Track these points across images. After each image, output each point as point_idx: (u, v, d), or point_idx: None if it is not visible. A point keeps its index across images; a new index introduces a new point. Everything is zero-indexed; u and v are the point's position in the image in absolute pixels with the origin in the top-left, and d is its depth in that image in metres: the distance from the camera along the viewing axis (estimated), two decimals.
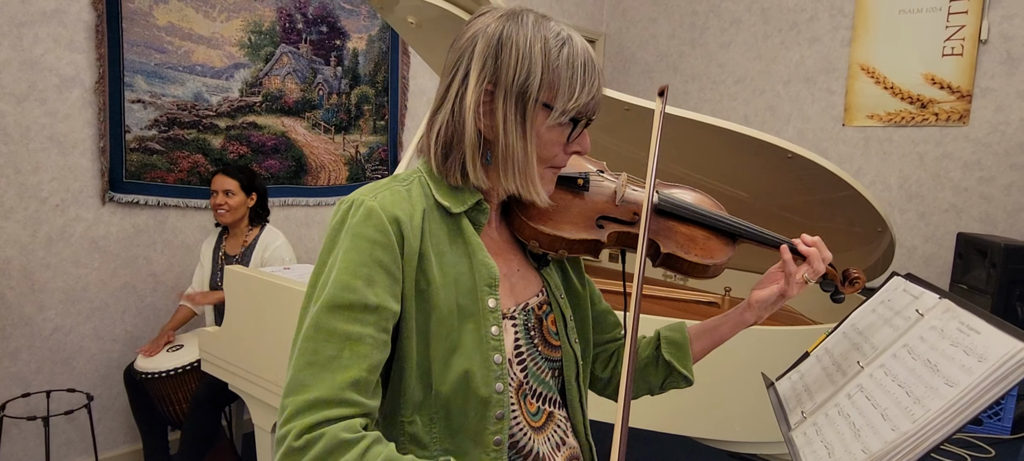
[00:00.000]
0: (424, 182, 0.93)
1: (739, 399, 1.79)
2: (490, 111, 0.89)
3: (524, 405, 0.95)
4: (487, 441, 0.89)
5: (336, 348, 0.80)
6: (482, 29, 0.90)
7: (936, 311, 1.05)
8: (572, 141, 0.93)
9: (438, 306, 0.87)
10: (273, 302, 2.09)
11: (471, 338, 0.88)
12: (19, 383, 2.71)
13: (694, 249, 1.07)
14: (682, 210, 1.09)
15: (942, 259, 3.52)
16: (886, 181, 3.70)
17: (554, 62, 0.87)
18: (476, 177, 0.91)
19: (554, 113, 0.88)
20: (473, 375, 0.87)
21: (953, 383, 0.87)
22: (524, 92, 0.87)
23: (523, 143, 0.89)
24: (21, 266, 2.66)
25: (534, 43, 0.87)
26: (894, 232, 2.08)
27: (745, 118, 4.23)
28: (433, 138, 0.92)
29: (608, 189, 1.08)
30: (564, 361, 1.02)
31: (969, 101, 3.40)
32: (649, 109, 1.96)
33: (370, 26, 3.60)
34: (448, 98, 0.91)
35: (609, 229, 1.03)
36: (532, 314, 0.99)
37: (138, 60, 2.82)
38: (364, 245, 0.83)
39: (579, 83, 0.88)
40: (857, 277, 1.14)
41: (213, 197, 2.77)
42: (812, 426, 1.06)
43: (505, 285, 0.96)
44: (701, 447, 1.89)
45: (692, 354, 1.14)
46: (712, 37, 4.37)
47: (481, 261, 0.92)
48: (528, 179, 0.91)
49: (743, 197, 2.23)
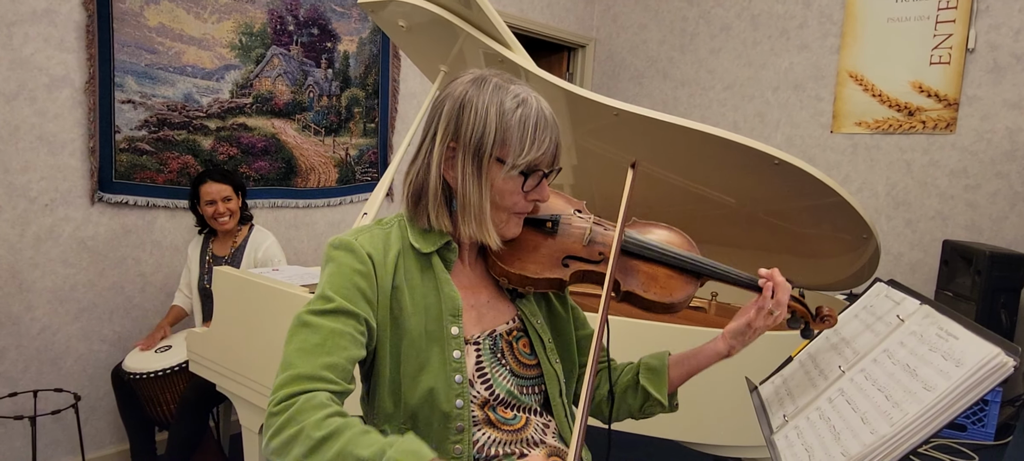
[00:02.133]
0: (403, 226, 1.09)
1: (724, 403, 1.81)
2: (452, 164, 1.02)
3: (494, 415, 1.05)
4: (448, 449, 1.01)
5: (320, 339, 0.94)
6: (451, 92, 1.03)
7: (916, 317, 1.06)
8: (528, 191, 1.04)
9: (409, 331, 1.01)
10: (262, 303, 2.09)
11: (437, 359, 1.01)
12: (6, 382, 2.69)
13: (654, 288, 1.13)
14: (646, 250, 1.16)
15: (928, 266, 3.55)
16: (873, 188, 3.73)
17: (507, 122, 0.99)
18: (438, 222, 1.05)
19: (506, 167, 1.00)
20: (437, 392, 1.00)
21: (931, 387, 0.89)
22: (479, 148, 1.00)
23: (478, 192, 1.01)
24: (9, 265, 2.65)
25: (491, 106, 0.99)
26: (879, 239, 2.10)
27: (734, 124, 4.26)
28: (407, 186, 1.07)
29: (578, 231, 1.17)
30: (546, 380, 1.12)
31: (956, 109, 3.44)
32: (637, 114, 1.97)
33: (361, 29, 3.61)
34: (421, 152, 1.06)
35: (574, 267, 1.12)
36: (500, 339, 1.09)
37: (129, 60, 2.81)
38: (346, 271, 1.00)
39: (529, 141, 1.00)
40: (828, 315, 1.17)
41: (210, 207, 2.74)
42: (793, 429, 1.08)
43: (472, 314, 1.09)
44: (687, 451, 1.91)
45: (670, 380, 1.20)
46: (702, 43, 4.40)
47: (447, 293, 1.04)
48: (482, 225, 1.03)
49: (730, 203, 2.24)
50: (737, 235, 2.36)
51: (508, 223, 1.06)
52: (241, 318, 2.17)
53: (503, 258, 1.09)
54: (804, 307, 1.17)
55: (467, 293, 1.09)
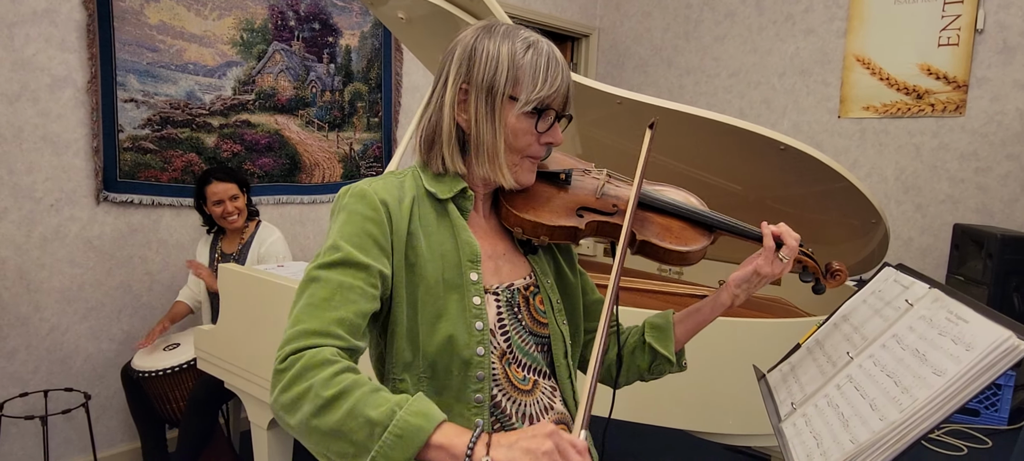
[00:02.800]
0: (416, 174, 1.08)
1: (733, 392, 1.79)
2: (465, 107, 1.03)
3: (509, 372, 1.05)
4: (469, 398, 0.99)
5: (329, 292, 0.92)
6: (461, 40, 1.05)
7: (925, 301, 1.04)
8: (542, 132, 1.04)
9: (425, 277, 0.99)
10: (268, 299, 2.08)
11: (455, 307, 1.00)
12: (17, 383, 2.71)
13: (669, 237, 1.14)
14: (660, 203, 1.18)
15: (939, 250, 3.51)
16: (882, 173, 3.69)
17: (519, 61, 1.00)
18: (453, 164, 1.05)
19: (519, 104, 1.00)
20: (456, 339, 0.98)
21: (941, 372, 0.87)
22: (492, 87, 1.00)
23: (492, 131, 1.01)
24: (16, 266, 2.66)
25: (502, 47, 1.01)
26: (889, 224, 2.07)
27: (740, 111, 4.23)
28: (420, 132, 1.08)
29: (591, 184, 1.18)
30: (552, 340, 1.12)
31: (965, 91, 3.39)
32: (641, 102, 1.96)
33: (362, 23, 3.60)
34: (432, 100, 1.06)
35: (589, 218, 1.12)
36: (517, 293, 1.09)
37: (130, 59, 2.81)
38: (357, 219, 0.97)
39: (541, 77, 1.00)
40: (838, 270, 1.19)
41: (218, 207, 2.74)
42: (801, 417, 1.06)
43: (490, 265, 1.08)
44: (695, 440, 1.89)
45: (676, 337, 1.20)
46: (706, 30, 4.36)
47: (464, 240, 1.03)
48: (496, 164, 1.03)
49: (737, 190, 2.22)
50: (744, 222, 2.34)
51: (521, 166, 1.06)
52: (247, 314, 2.17)
53: (517, 206, 1.08)
54: (814, 262, 1.18)
55: (484, 243, 1.08)
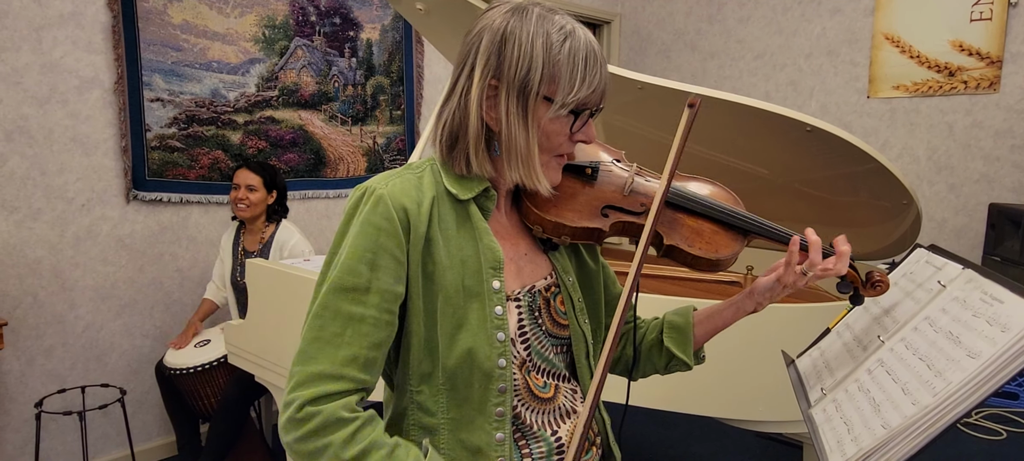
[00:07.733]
0: (435, 170, 0.99)
1: (762, 378, 1.77)
2: (494, 104, 0.93)
3: (529, 380, 1.00)
4: (490, 411, 0.95)
5: (340, 326, 0.88)
6: (488, 24, 0.93)
7: (958, 282, 1.02)
8: (575, 132, 0.95)
9: (445, 286, 0.93)
10: (294, 293, 2.10)
11: (476, 317, 0.94)
12: (55, 380, 2.77)
13: (699, 242, 1.06)
14: (691, 203, 1.08)
15: (974, 231, 3.43)
16: (914, 153, 3.61)
17: (555, 56, 0.90)
18: (479, 167, 0.96)
19: (554, 106, 0.91)
20: (477, 351, 0.93)
21: (975, 354, 0.85)
22: (525, 86, 0.91)
23: (525, 135, 0.93)
24: (51, 266, 2.72)
25: (536, 38, 0.90)
26: (920, 205, 2.02)
27: (766, 94, 4.16)
28: (441, 128, 0.98)
29: (618, 180, 1.08)
30: (573, 340, 1.06)
31: (999, 67, 3.30)
32: (663, 88, 1.93)
33: (383, 16, 3.60)
34: (456, 90, 0.96)
35: (613, 218, 1.04)
36: (538, 296, 1.02)
37: (155, 59, 2.85)
38: (371, 231, 0.90)
39: (580, 77, 0.91)
40: (879, 280, 1.06)
41: (234, 191, 2.78)
42: (832, 403, 1.04)
43: (512, 268, 1.01)
44: (725, 427, 1.88)
45: (694, 338, 1.14)
46: (730, 12, 4.29)
47: (487, 245, 0.96)
48: (531, 169, 0.94)
49: (763, 174, 2.19)
50: (772, 208, 2.30)
51: (549, 166, 0.97)
52: (275, 308, 2.19)
53: (539, 204, 1.01)
54: (854, 271, 1.07)
55: (505, 244, 1.01)
